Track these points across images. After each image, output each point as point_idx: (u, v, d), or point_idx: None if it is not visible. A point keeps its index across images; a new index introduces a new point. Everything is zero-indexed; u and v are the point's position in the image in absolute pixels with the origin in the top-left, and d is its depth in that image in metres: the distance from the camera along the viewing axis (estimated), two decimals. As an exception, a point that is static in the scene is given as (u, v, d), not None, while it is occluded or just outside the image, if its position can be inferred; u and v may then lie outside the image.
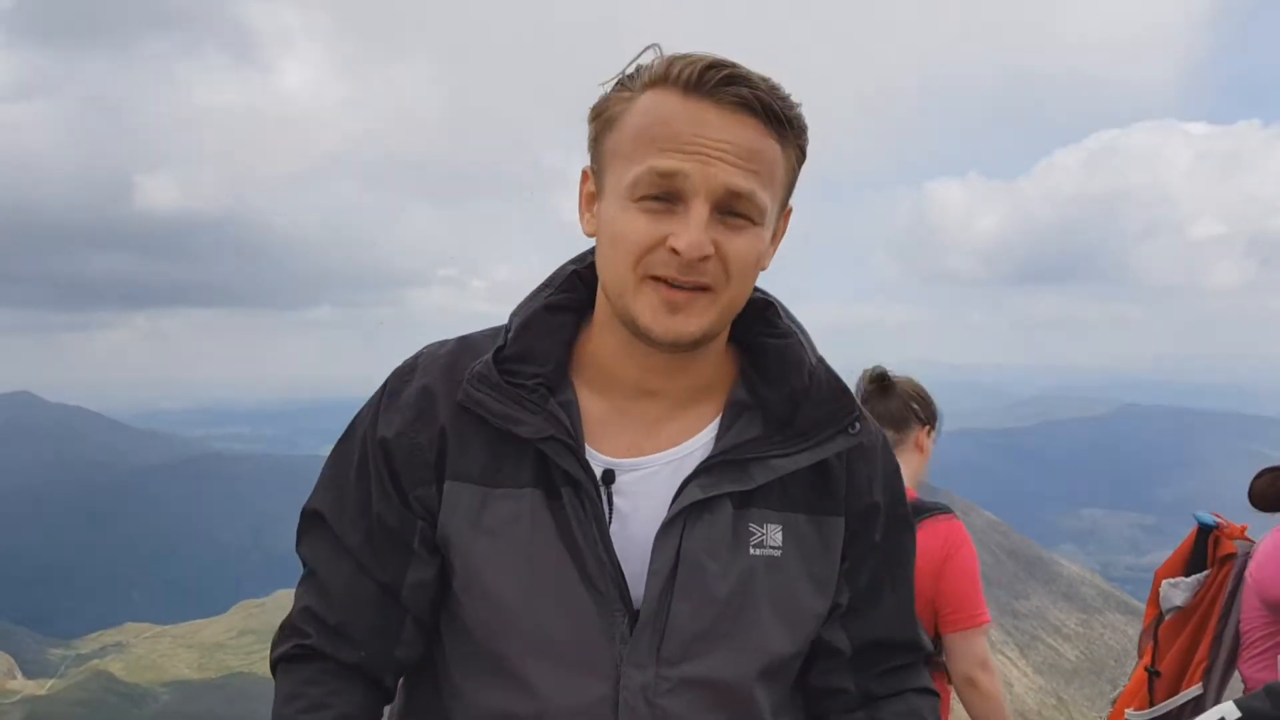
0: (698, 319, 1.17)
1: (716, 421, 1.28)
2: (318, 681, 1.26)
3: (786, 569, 1.24)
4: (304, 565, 1.33)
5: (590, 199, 1.25)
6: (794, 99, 1.18)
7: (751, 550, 1.22)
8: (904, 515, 1.37)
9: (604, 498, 1.22)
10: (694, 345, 1.20)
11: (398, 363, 1.34)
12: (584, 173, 1.26)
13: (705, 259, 1.13)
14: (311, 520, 1.32)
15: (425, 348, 1.35)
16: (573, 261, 1.34)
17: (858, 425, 1.28)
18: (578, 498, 1.21)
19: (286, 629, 1.31)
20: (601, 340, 1.29)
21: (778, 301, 1.34)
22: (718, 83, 1.12)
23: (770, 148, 1.16)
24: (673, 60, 1.15)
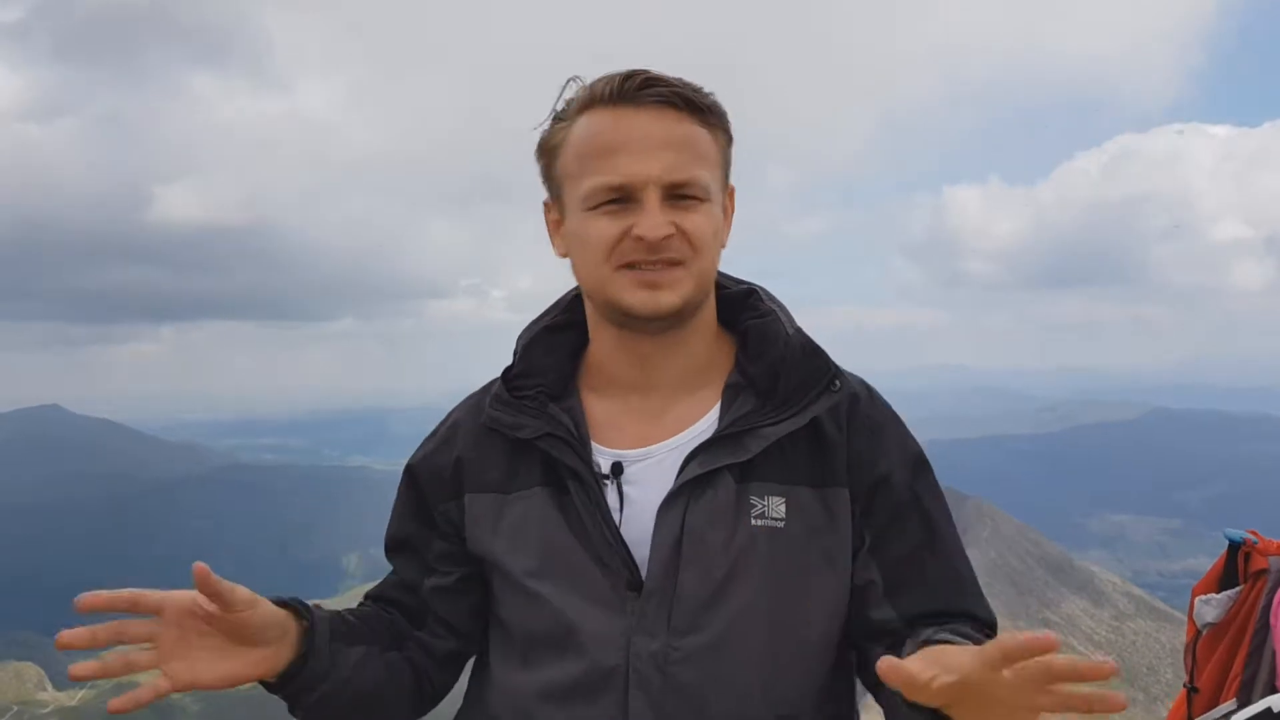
0: (677, 290, 1.26)
1: (716, 407, 1.35)
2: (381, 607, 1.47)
3: (791, 541, 1.28)
4: None
5: (556, 225, 1.36)
6: (706, 90, 1.28)
7: (753, 521, 1.27)
8: (924, 482, 1.36)
9: (604, 487, 1.31)
10: (677, 316, 1.30)
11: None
12: (545, 204, 1.38)
13: (668, 238, 1.24)
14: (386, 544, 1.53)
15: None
16: (574, 289, 1.43)
17: (838, 383, 1.33)
18: (582, 489, 1.30)
19: None
20: (597, 344, 1.40)
21: (759, 287, 1.43)
22: (636, 88, 1.24)
23: (697, 133, 1.26)
24: (594, 82, 1.28)
